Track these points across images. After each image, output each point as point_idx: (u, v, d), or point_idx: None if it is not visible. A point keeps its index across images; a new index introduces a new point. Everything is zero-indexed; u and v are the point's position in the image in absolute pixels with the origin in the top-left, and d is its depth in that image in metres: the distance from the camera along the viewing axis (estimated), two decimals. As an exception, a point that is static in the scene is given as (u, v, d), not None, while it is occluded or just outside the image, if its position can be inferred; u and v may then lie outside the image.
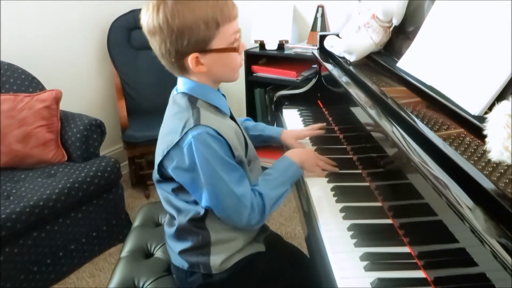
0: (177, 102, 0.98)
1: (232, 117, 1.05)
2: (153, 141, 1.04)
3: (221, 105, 0.99)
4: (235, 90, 2.49)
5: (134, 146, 2.41)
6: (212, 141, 0.89)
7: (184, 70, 0.94)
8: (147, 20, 0.89)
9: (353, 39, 1.27)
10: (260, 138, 1.29)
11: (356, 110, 1.22)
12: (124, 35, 2.63)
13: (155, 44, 0.91)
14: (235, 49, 0.94)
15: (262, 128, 1.31)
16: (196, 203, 0.98)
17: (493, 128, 0.58)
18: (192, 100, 0.95)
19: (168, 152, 0.93)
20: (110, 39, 2.60)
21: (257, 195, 0.97)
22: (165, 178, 1.00)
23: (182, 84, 0.98)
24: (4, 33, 2.13)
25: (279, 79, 2.36)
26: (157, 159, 0.98)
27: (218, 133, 0.90)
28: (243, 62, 1.02)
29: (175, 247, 1.05)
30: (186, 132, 0.89)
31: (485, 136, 0.65)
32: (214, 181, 0.91)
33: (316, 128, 1.35)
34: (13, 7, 2.16)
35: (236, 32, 0.93)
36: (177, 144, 0.91)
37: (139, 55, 2.65)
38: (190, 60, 0.90)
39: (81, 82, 2.59)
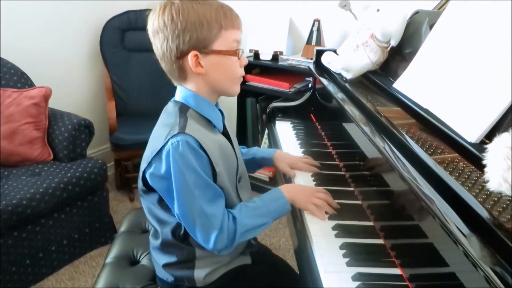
0: (167, 110, 0.98)
1: (226, 134, 1.03)
2: (141, 145, 1.02)
3: (212, 118, 0.97)
4: (227, 98, 2.49)
5: (122, 149, 2.38)
6: (191, 153, 0.87)
7: (183, 73, 0.93)
8: (153, 21, 0.91)
9: (351, 57, 1.29)
10: (253, 161, 1.24)
11: (349, 127, 1.23)
12: (118, 35, 2.60)
13: (157, 44, 0.92)
14: (235, 53, 0.94)
15: (254, 151, 1.26)
16: None
17: (493, 159, 0.59)
18: (183, 108, 0.94)
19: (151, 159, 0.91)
20: (103, 39, 2.57)
21: (230, 219, 0.92)
22: (149, 188, 0.97)
23: (178, 93, 0.97)
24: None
25: (272, 89, 2.37)
26: (142, 167, 0.95)
27: (200, 146, 0.88)
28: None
29: (160, 260, 1.04)
30: (168, 139, 0.88)
31: (480, 164, 0.66)
32: (184, 194, 0.88)
33: (313, 164, 1.24)
34: (7, 2, 2.12)
35: (237, 41, 0.94)
36: (160, 150, 0.89)
37: (131, 57, 2.63)
38: (190, 58, 0.89)
39: (71, 80, 2.56)
